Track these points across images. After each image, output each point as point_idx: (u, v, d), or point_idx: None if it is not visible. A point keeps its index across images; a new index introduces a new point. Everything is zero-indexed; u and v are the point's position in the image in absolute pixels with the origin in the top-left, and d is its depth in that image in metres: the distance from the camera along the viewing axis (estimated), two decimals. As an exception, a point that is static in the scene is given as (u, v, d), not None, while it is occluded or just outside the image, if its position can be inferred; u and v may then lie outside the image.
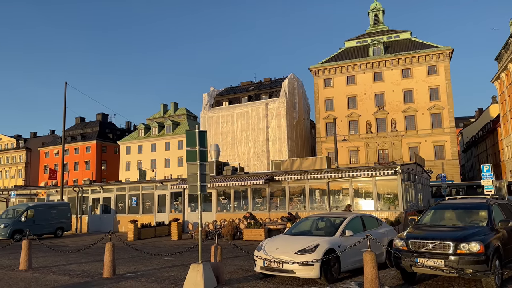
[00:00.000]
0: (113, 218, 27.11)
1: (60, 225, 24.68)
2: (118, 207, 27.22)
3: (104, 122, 77.76)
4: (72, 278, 9.62)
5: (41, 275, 10.14)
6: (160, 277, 9.50)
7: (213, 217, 22.58)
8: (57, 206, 25.24)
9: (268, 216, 21.12)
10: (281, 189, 21.62)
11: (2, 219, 22.72)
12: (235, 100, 57.12)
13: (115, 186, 28.00)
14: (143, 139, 66.94)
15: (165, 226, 22.70)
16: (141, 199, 26.38)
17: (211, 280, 8.14)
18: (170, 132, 65.45)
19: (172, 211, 25.01)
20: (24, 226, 21.80)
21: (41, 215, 23.64)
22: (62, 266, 11.82)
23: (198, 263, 8.10)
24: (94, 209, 28.41)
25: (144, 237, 21.14)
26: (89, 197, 28.67)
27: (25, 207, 23.45)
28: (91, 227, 27.97)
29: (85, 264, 12.05)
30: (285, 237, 9.48)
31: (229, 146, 54.06)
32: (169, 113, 72.71)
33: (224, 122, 55.19)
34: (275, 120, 51.80)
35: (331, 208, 20.04)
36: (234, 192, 22.82)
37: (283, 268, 8.15)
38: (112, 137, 75.39)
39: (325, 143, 52.68)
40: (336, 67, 53.68)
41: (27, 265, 11.24)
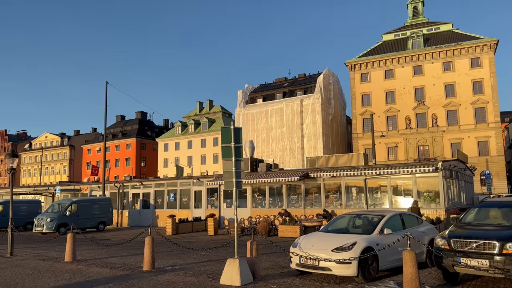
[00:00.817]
0: (152, 213, 27.89)
1: (102, 220, 25.65)
2: (157, 202, 27.97)
3: (143, 120, 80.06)
4: (113, 271, 9.99)
5: (85, 267, 10.59)
6: (198, 271, 9.68)
7: (248, 213, 22.73)
8: (99, 201, 26.25)
9: (303, 213, 21.01)
10: (316, 186, 21.42)
11: (48, 213, 23.90)
12: (270, 97, 57.10)
13: (154, 182, 28.78)
14: (180, 136, 68.36)
15: (201, 221, 23.10)
16: (179, 195, 26.97)
17: (247, 275, 8.20)
18: (206, 129, 66.44)
19: (208, 206, 25.41)
20: (68, 220, 22.85)
21: (85, 210, 24.67)
22: (104, 259, 12.31)
23: (234, 258, 8.19)
24: (134, 204, 29.34)
25: (182, 231, 21.60)
26: (129, 192, 29.63)
27: (70, 202, 24.54)
28: (132, 222, 28.90)
29: (126, 257, 12.48)
30: (321, 234, 9.39)
31: (264, 142, 54.16)
32: (205, 111, 73.79)
33: (258, 119, 55.33)
34: (310, 117, 51.34)
35: (369, 206, 19.65)
36: (269, 189, 22.86)
37: (320, 265, 8.08)
38: (150, 135, 77.53)
39: (362, 140, 51.66)
40: (373, 61, 52.43)
41: (71, 257, 11.77)
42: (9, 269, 10.60)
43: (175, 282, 8.42)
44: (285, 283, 8.15)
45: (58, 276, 9.48)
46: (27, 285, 8.54)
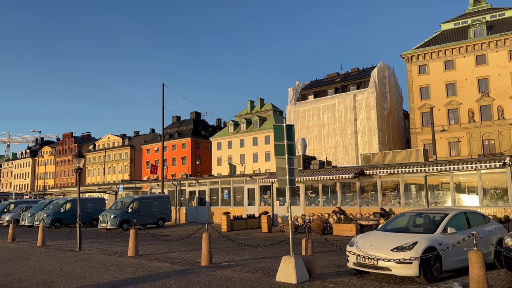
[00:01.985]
0: (207, 209, 28.63)
1: (161, 216, 26.74)
2: (212, 199, 28.65)
3: (197, 120, 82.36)
4: (173, 266, 10.37)
5: (147, 262, 11.10)
6: (253, 267, 9.78)
7: (302, 211, 22.59)
8: (159, 199, 27.39)
9: (358, 211, 20.49)
10: (372, 184, 20.80)
11: (112, 210, 25.33)
12: (321, 93, 56.28)
13: (209, 180, 29.51)
14: (232, 135, 69.47)
15: (255, 218, 23.32)
16: (232, 192, 27.43)
17: (303, 273, 8.15)
18: (257, 127, 66.91)
19: (262, 204, 25.59)
20: (130, 217, 24.07)
21: (145, 207, 25.86)
22: (164, 254, 12.82)
23: (289, 256, 8.17)
24: (191, 201, 30.28)
25: (236, 228, 21.95)
26: (186, 190, 30.63)
27: (131, 199, 25.83)
28: (189, 218, 29.86)
29: (184, 253, 12.91)
30: (380, 233, 9.11)
31: (316, 140, 53.52)
32: (256, 109, 74.31)
33: (310, 116, 54.74)
34: (364, 112, 49.91)
35: (429, 204, 18.75)
36: (322, 187, 22.56)
37: (378, 265, 7.85)
38: (204, 134, 79.59)
39: (421, 135, 49.33)
40: (431, 52, 49.85)
41: (134, 252, 12.38)
42: (78, 263, 11.37)
43: (232, 277, 8.58)
44: (342, 282, 8.01)
45: (122, 270, 10.02)
46: (94, 278, 9.10)
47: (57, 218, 27.49)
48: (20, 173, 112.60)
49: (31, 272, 10.05)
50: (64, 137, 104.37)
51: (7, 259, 12.49)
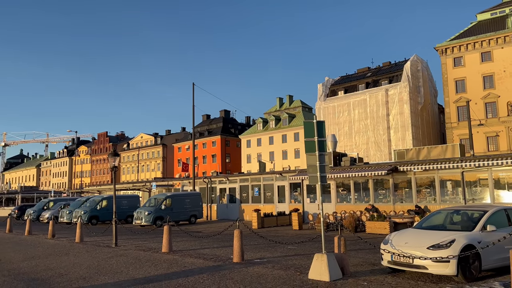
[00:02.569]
0: (238, 207, 28.83)
1: (193, 213, 27.17)
2: (242, 196, 28.83)
3: (226, 118, 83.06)
4: (206, 262, 10.51)
5: (180, 258, 11.30)
6: (285, 264, 9.77)
7: (333, 208, 22.34)
8: (191, 196, 27.84)
9: (392, 208, 20.05)
10: (406, 181, 20.29)
11: (146, 207, 25.95)
12: (352, 88, 55.37)
13: (239, 177, 29.70)
14: (261, 133, 69.56)
15: (285, 216, 23.27)
16: (262, 190, 27.48)
17: (336, 271, 8.06)
18: (286, 124, 66.67)
19: (292, 201, 25.51)
20: (164, 214, 24.59)
21: (178, 204, 26.33)
22: (197, 250, 13.01)
23: (322, 253, 8.10)
24: (222, 198, 30.59)
25: (267, 225, 21.98)
26: (217, 187, 30.96)
27: (164, 197, 26.37)
28: (220, 215, 30.19)
29: (216, 249, 13.06)
30: (415, 231, 8.88)
31: (346, 136, 52.74)
32: (285, 106, 74.05)
33: (340, 112, 54.00)
34: (397, 107, 48.72)
35: (467, 201, 18.10)
36: (354, 184, 22.21)
37: (414, 263, 7.65)
38: (234, 132, 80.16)
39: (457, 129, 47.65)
40: (467, 43, 47.98)
41: (168, 248, 12.63)
42: (114, 258, 11.72)
43: (264, 274, 8.60)
44: (376, 280, 7.86)
45: (157, 265, 10.25)
46: (130, 273, 9.36)
47: (93, 215, 28.47)
48: (58, 172, 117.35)
49: (71, 267, 10.46)
50: (99, 136, 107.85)
51: (48, 254, 13.06)
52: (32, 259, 12.23)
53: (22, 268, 10.71)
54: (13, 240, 18.03)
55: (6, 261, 12.10)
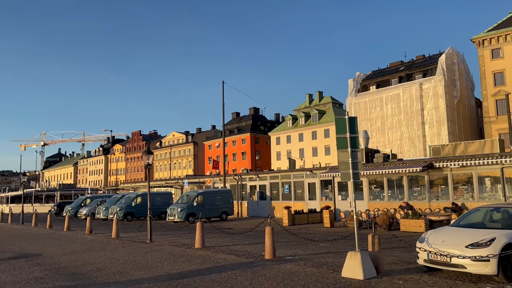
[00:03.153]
0: (268, 204, 28.87)
1: (224, 210, 27.45)
2: (273, 194, 28.84)
3: (256, 116, 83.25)
4: (238, 258, 10.60)
5: (213, 254, 11.45)
6: (317, 262, 9.70)
7: (365, 206, 21.96)
8: (222, 193, 28.13)
9: (427, 206, 19.49)
10: (442, 177, 19.66)
11: (178, 204, 26.44)
12: (384, 83, 54.13)
13: (269, 175, 29.72)
14: (290, 130, 69.26)
15: (316, 213, 23.09)
16: (293, 187, 27.39)
17: (370, 269, 7.92)
18: (316, 121, 66.05)
19: (323, 198, 25.27)
20: (196, 210, 24.98)
21: (209, 201, 26.68)
22: (229, 246, 13.14)
23: (355, 251, 7.99)
24: (252, 195, 30.72)
25: (298, 223, 21.90)
26: (247, 184, 31.13)
27: (196, 194, 26.78)
28: (250, 212, 30.34)
29: (248, 246, 13.14)
30: (452, 229, 8.60)
31: (379, 132, 51.67)
32: (315, 103, 73.37)
33: (372, 107, 52.93)
34: (431, 101, 47.24)
35: (507, 198, 17.33)
36: (387, 181, 21.75)
37: (451, 262, 7.41)
38: (263, 129, 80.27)
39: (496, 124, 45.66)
40: (506, 34, 45.82)
41: (201, 244, 12.82)
42: (149, 254, 12.02)
43: (296, 271, 8.58)
44: (412, 279, 7.67)
45: (190, 261, 10.43)
46: (165, 268, 9.57)
47: (129, 211, 29.29)
48: (94, 169, 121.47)
49: (108, 262, 10.81)
50: (133, 135, 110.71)
51: (86, 250, 13.55)
52: (71, 254, 12.72)
53: (62, 262, 11.17)
54: (53, 236, 18.83)
55: (47, 255, 12.65)
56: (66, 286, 8.04)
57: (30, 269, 10.20)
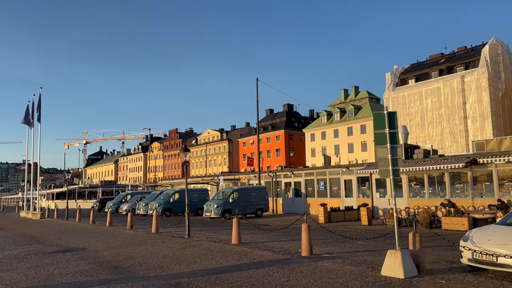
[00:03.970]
0: (304, 201, 28.70)
1: (259, 206, 27.56)
2: (308, 190, 28.63)
3: (290, 112, 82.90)
4: (275, 254, 10.62)
5: (249, 250, 11.53)
6: (356, 260, 9.55)
7: (405, 203, 21.38)
8: (257, 189, 28.25)
9: (471, 203, 18.72)
10: (487, 173, 18.80)
11: (214, 200, 26.81)
12: (423, 76, 52.34)
13: (304, 171, 29.54)
14: (325, 126, 68.43)
15: (353, 210, 22.71)
16: (328, 184, 27.07)
17: (411, 268, 7.71)
18: (352, 117, 64.88)
19: (360, 196, 24.83)
20: (231, 207, 25.24)
21: (244, 197, 26.87)
22: (265, 242, 13.19)
23: (395, 250, 7.80)
24: (287, 192, 30.65)
25: (334, 220, 21.64)
26: (281, 181, 31.08)
27: (232, 190, 27.05)
28: (285, 209, 30.29)
29: (284, 242, 13.14)
30: (499, 227, 8.21)
31: (418, 127, 50.07)
32: (350, 98, 72.06)
33: (411, 102, 51.35)
34: (474, 94, 45.21)
35: (559, 196, 16.34)
36: (428, 177, 21.05)
37: (498, 262, 7.08)
38: (297, 126, 79.81)
39: (544, 117, 43.14)
40: (557, 21, 43.03)
41: (237, 240, 12.94)
42: (188, 249, 12.27)
43: (334, 269, 8.49)
44: (455, 279, 7.40)
45: (228, 256, 10.57)
46: (203, 263, 9.74)
47: (167, 207, 30.04)
48: (134, 167, 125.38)
49: (148, 256, 11.14)
50: (170, 133, 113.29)
51: (128, 244, 14.02)
52: (114, 248, 13.21)
53: (106, 256, 11.62)
54: (96, 231, 19.62)
55: (91, 249, 13.20)
56: (110, 280, 8.36)
57: (75, 262, 10.69)
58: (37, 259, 11.47)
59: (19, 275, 9.11)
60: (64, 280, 8.42)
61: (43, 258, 11.62)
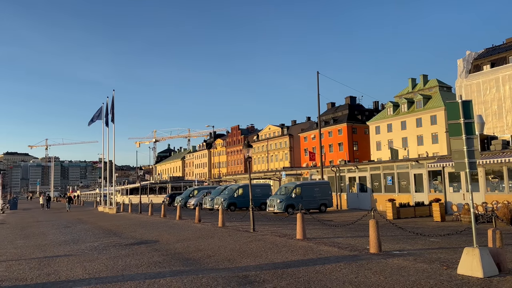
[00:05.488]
0: (369, 196, 27.86)
1: (323, 202, 27.23)
2: (374, 185, 27.73)
3: (352, 105, 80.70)
4: (341, 250, 10.43)
5: (315, 245, 11.44)
6: (429, 258, 9.09)
7: (482, 198, 19.91)
8: (320, 184, 27.93)
9: (560, 198, 16.94)
10: None
11: (277, 195, 26.95)
12: (500, 61, 48.17)
13: (369, 166, 28.64)
14: (391, 118, 65.67)
15: (424, 206, 21.63)
16: (396, 178, 26.00)
17: (491, 266, 7.17)
18: (421, 107, 61.58)
19: (431, 191, 23.56)
20: (294, 202, 25.21)
21: (307, 192, 26.70)
22: (330, 238, 13.01)
23: (473, 247, 7.29)
24: (351, 187, 29.94)
25: (404, 216, 20.77)
26: (345, 176, 30.41)
27: (294, 185, 27.01)
28: (350, 204, 29.62)
29: (350, 239, 12.86)
30: None
31: (495, 116, 46.24)
32: (418, 87, 68.37)
33: (486, 89, 47.53)
34: (562, 78, 40.77)
35: None
36: (508, 170, 19.40)
37: None
38: (361, 119, 77.47)
39: None
40: None
41: (302, 235, 12.90)
42: (253, 243, 12.47)
43: (405, 267, 8.14)
44: (545, 281, 6.75)
45: (293, 251, 10.58)
46: (269, 257, 9.84)
47: (232, 202, 30.78)
48: (199, 163, 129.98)
49: (216, 249, 11.49)
50: (232, 130, 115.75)
51: (197, 237, 14.58)
52: (184, 241, 13.81)
53: (177, 248, 12.18)
54: (167, 224, 20.63)
55: (163, 242, 13.91)
56: (181, 271, 8.75)
57: (149, 254, 11.33)
58: (115, 250, 12.33)
59: (100, 265, 9.86)
60: (140, 271, 8.97)
61: (120, 249, 12.47)
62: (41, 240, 16.01)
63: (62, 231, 19.25)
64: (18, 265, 10.36)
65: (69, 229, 20.18)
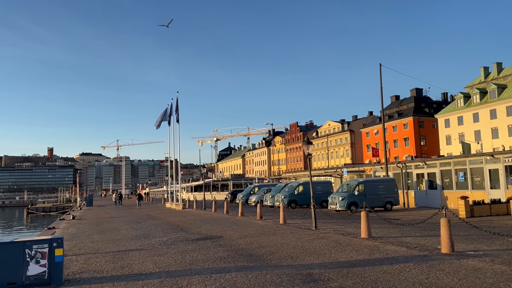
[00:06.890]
0: (439, 193, 26.35)
1: (388, 200, 26.20)
2: (444, 182, 26.18)
3: (418, 97, 76.73)
4: (410, 250, 9.97)
5: (381, 244, 11.04)
6: (508, 259, 8.39)
7: None
8: (384, 182, 26.91)
9: None
10: None
11: (339, 193, 26.40)
12: None
13: (439, 161, 27.07)
14: (462, 110, 61.53)
15: (501, 204, 20.03)
16: (469, 174, 24.33)
17: None
18: (495, 97, 56.99)
19: (509, 187, 21.75)
20: (357, 199, 24.54)
21: (371, 190, 25.85)
22: (397, 237, 12.49)
23: (563, 250, 6.60)
24: (419, 184, 28.51)
25: (478, 215, 19.37)
26: (412, 172, 29.02)
27: (357, 182, 26.28)
28: (418, 202, 28.22)
29: (419, 238, 12.25)
30: None
31: None
32: (492, 76, 63.36)
33: None
34: None
35: None
36: None
37: None
38: (428, 111, 73.45)
39: None
40: None
41: (367, 234, 12.51)
42: (316, 240, 12.33)
43: (481, 268, 7.59)
44: None
45: (358, 250, 10.30)
46: (333, 256, 9.67)
47: (292, 199, 30.70)
48: (258, 160, 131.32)
49: (279, 246, 11.52)
50: (291, 127, 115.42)
51: (259, 234, 14.73)
52: (247, 237, 14.02)
53: (240, 244, 12.40)
54: (230, 220, 21.08)
55: (227, 237, 14.24)
56: (246, 267, 8.89)
57: (215, 249, 11.65)
58: (182, 245, 12.84)
59: (169, 259, 10.33)
60: (206, 266, 9.26)
61: (187, 244, 12.96)
62: (115, 234, 17.13)
63: (133, 227, 20.45)
64: (95, 258, 11.17)
65: (140, 225, 21.38)
